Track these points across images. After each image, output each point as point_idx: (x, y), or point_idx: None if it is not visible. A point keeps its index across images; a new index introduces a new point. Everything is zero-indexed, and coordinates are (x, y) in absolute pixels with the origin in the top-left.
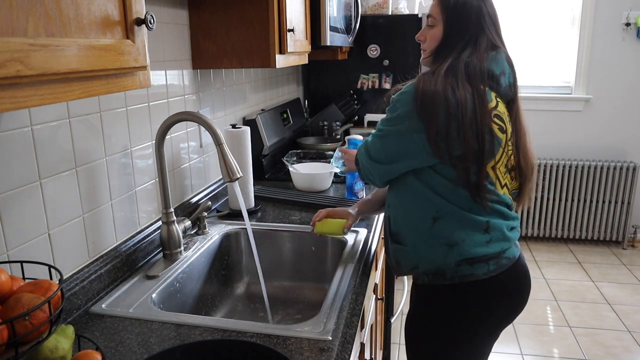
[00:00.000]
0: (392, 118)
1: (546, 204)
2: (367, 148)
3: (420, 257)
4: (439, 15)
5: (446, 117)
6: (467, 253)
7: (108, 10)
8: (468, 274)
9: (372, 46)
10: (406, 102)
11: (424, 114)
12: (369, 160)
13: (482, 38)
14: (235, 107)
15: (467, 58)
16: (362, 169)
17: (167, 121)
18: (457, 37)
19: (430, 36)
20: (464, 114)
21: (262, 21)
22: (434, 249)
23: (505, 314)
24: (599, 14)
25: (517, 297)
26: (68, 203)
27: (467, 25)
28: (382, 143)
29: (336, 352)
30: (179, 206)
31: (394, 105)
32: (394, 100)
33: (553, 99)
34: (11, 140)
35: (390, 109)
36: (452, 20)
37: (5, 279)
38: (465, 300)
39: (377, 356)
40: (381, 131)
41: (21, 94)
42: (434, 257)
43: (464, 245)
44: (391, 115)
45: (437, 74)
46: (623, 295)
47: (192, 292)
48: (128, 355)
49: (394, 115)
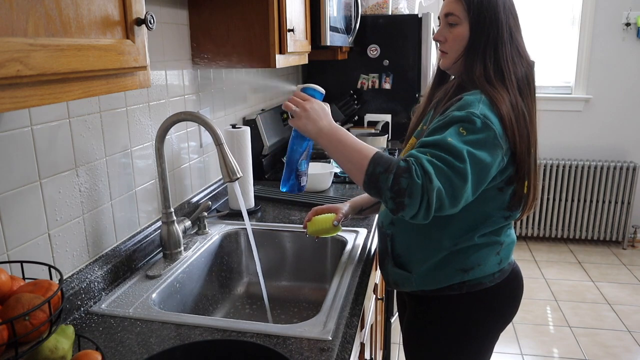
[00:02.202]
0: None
1: (546, 204)
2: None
3: (428, 282)
4: (462, 11)
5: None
6: (481, 274)
7: (108, 10)
8: (476, 284)
9: (372, 46)
10: (493, 122)
11: (512, 134)
12: (462, 184)
13: (515, 33)
14: (235, 107)
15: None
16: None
17: (167, 121)
18: (487, 35)
19: (453, 37)
20: (525, 127)
21: (262, 21)
22: (447, 275)
23: (508, 315)
24: (599, 14)
25: (517, 297)
26: (68, 203)
27: (497, 19)
28: (481, 170)
29: (336, 352)
30: (179, 206)
31: (481, 122)
32: (474, 114)
33: (553, 99)
34: (11, 140)
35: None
36: (480, 16)
37: (5, 279)
38: (473, 308)
39: (377, 356)
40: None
41: (21, 94)
42: (444, 281)
43: (479, 270)
44: (479, 135)
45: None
46: (623, 295)
47: (192, 292)
48: (128, 355)
49: (484, 137)
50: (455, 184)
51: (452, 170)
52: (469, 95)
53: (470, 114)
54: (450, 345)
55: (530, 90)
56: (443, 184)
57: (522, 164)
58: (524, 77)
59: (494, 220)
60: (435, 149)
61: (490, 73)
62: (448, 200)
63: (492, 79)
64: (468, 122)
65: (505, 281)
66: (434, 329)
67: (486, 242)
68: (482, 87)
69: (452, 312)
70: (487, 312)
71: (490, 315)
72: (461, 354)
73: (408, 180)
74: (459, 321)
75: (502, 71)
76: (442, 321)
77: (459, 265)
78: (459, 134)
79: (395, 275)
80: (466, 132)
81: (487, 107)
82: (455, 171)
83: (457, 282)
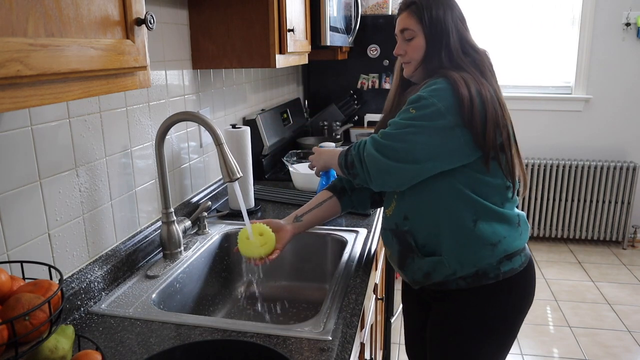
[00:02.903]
0: (428, 114)
1: (546, 204)
2: (383, 147)
3: (461, 263)
4: (415, 25)
5: (483, 107)
6: (510, 248)
7: (108, 10)
8: (509, 269)
9: (372, 46)
10: (444, 97)
11: (467, 106)
12: (387, 161)
13: (464, 34)
14: (235, 107)
15: (466, 56)
16: (372, 172)
17: (167, 121)
18: (440, 41)
19: (412, 48)
20: (495, 105)
21: (262, 21)
22: (478, 251)
23: (531, 299)
24: (599, 14)
25: (535, 282)
26: (68, 203)
27: (447, 27)
28: (415, 140)
29: (336, 352)
30: (179, 206)
31: (427, 100)
32: (424, 96)
33: (553, 99)
34: (11, 140)
35: (421, 105)
36: (432, 27)
37: (5, 279)
38: (508, 296)
39: (377, 356)
40: (412, 127)
41: (21, 94)
42: (478, 260)
43: (506, 242)
44: (425, 111)
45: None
46: (623, 295)
47: (192, 292)
48: (128, 355)
49: (430, 111)
50: (393, 147)
51: (388, 139)
52: (433, 80)
53: (419, 96)
54: (488, 335)
55: (491, 72)
56: (378, 151)
57: (486, 138)
58: (480, 63)
59: (498, 189)
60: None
61: (448, 66)
62: (386, 160)
63: (451, 69)
64: (417, 102)
65: (529, 266)
66: (469, 323)
67: (503, 213)
68: (444, 73)
69: (489, 302)
70: (520, 297)
71: (521, 300)
72: (499, 343)
73: (350, 155)
74: (497, 310)
75: (458, 64)
76: (479, 312)
77: (487, 240)
78: (408, 112)
79: (426, 265)
80: (415, 110)
81: (441, 85)
82: (391, 138)
83: (487, 262)
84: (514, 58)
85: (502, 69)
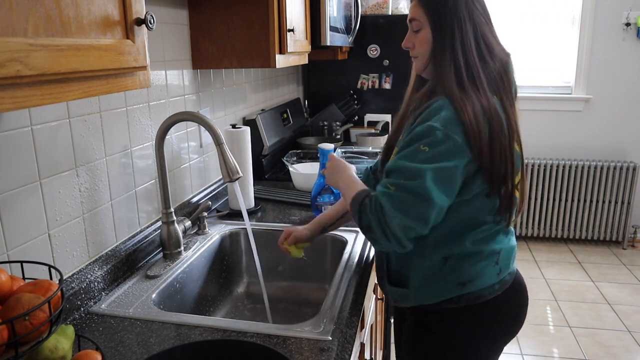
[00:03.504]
0: (445, 151)
1: (546, 204)
2: (401, 204)
3: (425, 297)
4: (422, 16)
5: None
6: (479, 286)
7: (108, 11)
8: (475, 297)
9: (372, 46)
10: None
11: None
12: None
13: (482, 29)
14: (235, 107)
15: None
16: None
17: (167, 121)
18: (451, 36)
19: (419, 41)
20: (501, 130)
21: (262, 21)
22: (444, 289)
23: (512, 328)
24: (599, 14)
25: (520, 310)
26: (68, 203)
27: (458, 19)
28: (447, 177)
29: (336, 352)
30: (179, 206)
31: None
32: (436, 127)
33: (553, 99)
34: (11, 140)
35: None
36: (439, 18)
37: (5, 279)
38: (474, 321)
39: (377, 356)
40: (429, 172)
41: (21, 94)
42: (443, 295)
43: (477, 282)
44: (440, 147)
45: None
46: (623, 295)
47: (192, 292)
48: (128, 355)
49: (447, 147)
50: (417, 204)
51: (411, 194)
52: (436, 102)
53: (430, 127)
54: (448, 358)
55: (505, 86)
56: (403, 212)
57: (493, 171)
58: (497, 74)
59: (485, 226)
60: (392, 176)
61: (460, 73)
62: (416, 223)
63: (463, 80)
64: (428, 136)
65: (506, 293)
66: (433, 342)
67: (481, 250)
68: (450, 91)
69: (451, 325)
70: (488, 326)
71: (491, 328)
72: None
73: (366, 216)
74: (459, 334)
75: (471, 71)
76: (441, 334)
77: (456, 278)
78: (420, 151)
79: (392, 292)
80: (428, 148)
81: (450, 114)
82: (414, 193)
83: (455, 295)
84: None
85: None
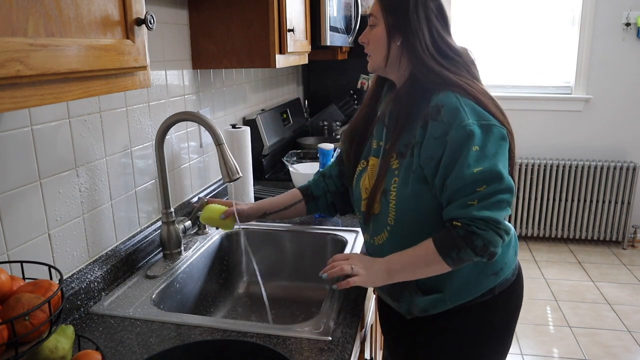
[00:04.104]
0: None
1: (546, 204)
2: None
3: (464, 296)
4: (378, 12)
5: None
6: (508, 271)
7: (108, 10)
8: (507, 281)
9: None
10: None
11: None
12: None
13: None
14: (235, 107)
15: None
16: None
17: (167, 121)
18: (404, 32)
19: (372, 37)
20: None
21: (262, 21)
22: (483, 283)
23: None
24: (599, 14)
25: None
26: (68, 203)
27: (410, 17)
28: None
29: (336, 352)
30: (179, 206)
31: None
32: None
33: (553, 99)
34: (11, 140)
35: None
36: (393, 15)
37: (5, 279)
38: (505, 306)
39: (377, 356)
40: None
41: (21, 94)
42: (481, 290)
43: (506, 268)
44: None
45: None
46: (623, 295)
47: (192, 292)
48: (128, 355)
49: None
50: (506, 200)
51: (499, 193)
52: (443, 99)
53: (466, 127)
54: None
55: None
56: (502, 209)
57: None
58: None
59: None
60: (467, 191)
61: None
62: (510, 209)
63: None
64: (471, 137)
65: (519, 272)
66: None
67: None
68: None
69: (485, 317)
70: (517, 306)
71: (515, 309)
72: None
73: (480, 239)
74: (494, 324)
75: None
76: (478, 328)
77: (491, 269)
78: (475, 154)
79: (423, 303)
80: (479, 147)
81: (471, 105)
82: (500, 191)
83: (491, 287)
84: (514, 58)
85: (503, 69)
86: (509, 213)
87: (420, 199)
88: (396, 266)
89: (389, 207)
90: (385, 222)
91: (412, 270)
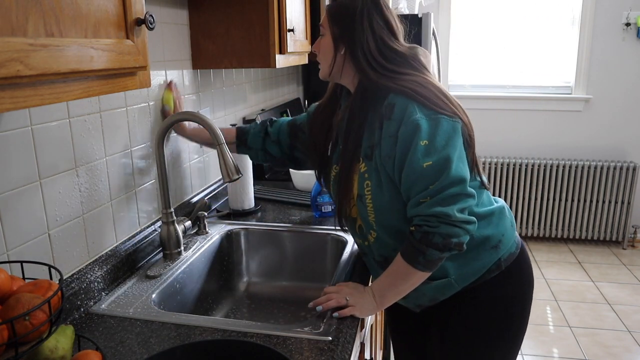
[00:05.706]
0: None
1: (546, 204)
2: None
3: (470, 276)
4: (326, 22)
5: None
6: (508, 244)
7: (108, 11)
8: (511, 255)
9: None
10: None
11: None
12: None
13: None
14: (235, 107)
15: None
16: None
17: (167, 121)
18: (349, 42)
19: (321, 47)
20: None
21: (262, 21)
22: (484, 258)
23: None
24: (599, 14)
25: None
26: (68, 203)
27: (354, 27)
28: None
29: (336, 352)
30: (179, 206)
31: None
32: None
33: (553, 99)
34: (11, 140)
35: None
36: (338, 26)
37: (5, 279)
38: (515, 281)
39: (377, 356)
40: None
41: (21, 94)
42: (482, 266)
43: (506, 240)
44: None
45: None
46: (623, 295)
47: (192, 292)
48: (128, 355)
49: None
50: (457, 193)
51: (448, 187)
52: (395, 98)
53: (414, 122)
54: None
55: (423, 66)
56: (455, 203)
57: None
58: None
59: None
60: (419, 187)
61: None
62: (466, 202)
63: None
64: (418, 130)
65: (523, 248)
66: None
67: (489, 211)
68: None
69: (496, 294)
70: (525, 282)
71: (527, 284)
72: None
73: (437, 236)
74: (505, 300)
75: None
76: (492, 306)
77: (488, 244)
78: (423, 148)
79: (431, 290)
80: (427, 141)
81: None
82: (448, 185)
83: (494, 261)
84: (514, 58)
85: (503, 69)
86: (471, 203)
87: (396, 195)
88: (382, 291)
89: (367, 210)
90: (369, 224)
91: (397, 289)
